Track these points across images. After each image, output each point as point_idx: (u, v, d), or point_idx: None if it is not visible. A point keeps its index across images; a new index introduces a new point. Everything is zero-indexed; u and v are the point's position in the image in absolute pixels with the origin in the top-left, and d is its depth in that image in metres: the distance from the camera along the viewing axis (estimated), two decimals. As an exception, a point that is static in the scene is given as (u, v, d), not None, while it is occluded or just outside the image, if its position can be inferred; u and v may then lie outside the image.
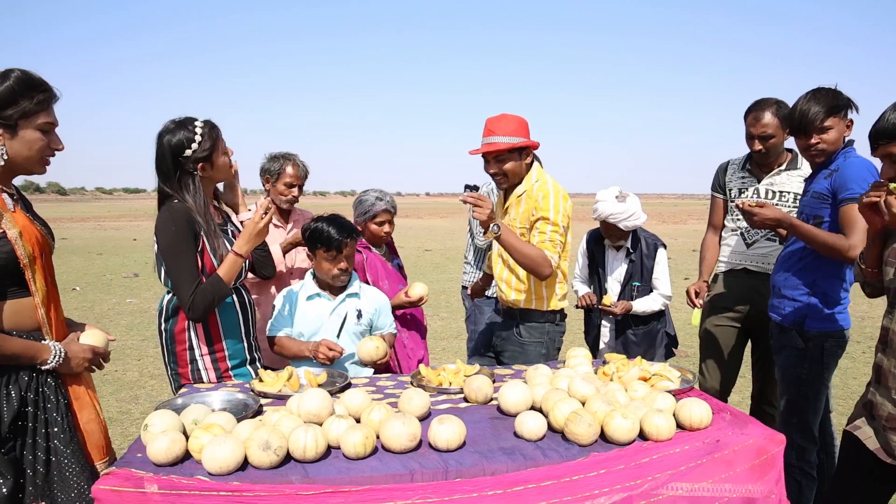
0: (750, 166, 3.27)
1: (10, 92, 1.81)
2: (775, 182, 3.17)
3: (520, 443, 1.84)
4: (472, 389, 2.19)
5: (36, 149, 1.90)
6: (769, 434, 1.96)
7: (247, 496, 1.55)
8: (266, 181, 3.43)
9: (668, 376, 2.33)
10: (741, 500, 1.85)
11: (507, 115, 2.86)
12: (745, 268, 3.23)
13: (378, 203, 3.26)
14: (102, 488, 1.56)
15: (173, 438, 1.67)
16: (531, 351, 2.93)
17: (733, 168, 3.36)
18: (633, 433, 1.83)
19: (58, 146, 1.97)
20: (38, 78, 1.89)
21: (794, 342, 2.62)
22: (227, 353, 2.50)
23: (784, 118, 2.99)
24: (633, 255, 3.41)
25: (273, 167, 3.37)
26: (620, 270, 3.48)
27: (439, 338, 7.33)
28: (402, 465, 1.68)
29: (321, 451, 1.70)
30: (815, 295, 2.59)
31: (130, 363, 6.17)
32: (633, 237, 3.44)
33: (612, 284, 3.50)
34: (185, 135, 2.36)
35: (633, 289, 3.42)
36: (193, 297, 2.31)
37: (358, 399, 2.01)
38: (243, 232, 2.41)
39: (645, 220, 3.35)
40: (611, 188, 3.37)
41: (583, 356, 2.52)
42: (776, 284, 2.74)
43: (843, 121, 2.56)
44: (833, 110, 2.53)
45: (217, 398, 2.15)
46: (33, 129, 1.87)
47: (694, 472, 1.81)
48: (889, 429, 2.03)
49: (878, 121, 1.94)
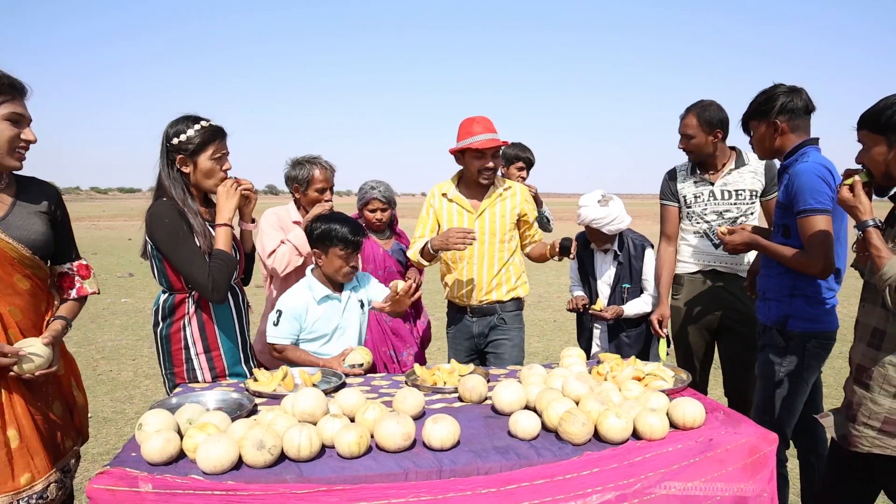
0: (699, 170, 3.28)
1: None
2: (728, 182, 3.19)
3: (514, 442, 1.84)
4: (466, 389, 2.20)
5: (4, 139, 1.90)
6: (762, 433, 1.97)
7: (241, 495, 1.56)
8: (295, 190, 3.27)
9: (662, 376, 2.35)
10: (733, 498, 1.86)
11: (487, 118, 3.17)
12: (714, 269, 3.24)
13: (371, 191, 3.48)
14: (97, 487, 1.56)
15: (168, 438, 1.67)
16: (515, 336, 3.28)
17: (682, 174, 3.35)
18: (627, 432, 1.84)
19: (30, 138, 1.96)
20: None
21: (774, 340, 2.63)
22: (223, 353, 2.50)
23: (707, 121, 3.10)
24: (620, 258, 3.41)
25: (300, 175, 3.21)
26: (609, 273, 3.47)
27: (434, 338, 7.29)
28: (396, 464, 1.69)
29: (315, 450, 1.70)
30: (797, 296, 2.60)
31: (125, 363, 6.15)
32: (619, 239, 3.43)
33: (601, 287, 3.49)
34: (181, 126, 2.42)
35: (622, 291, 3.41)
36: (213, 277, 2.34)
37: (352, 398, 2.01)
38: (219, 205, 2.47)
39: (629, 223, 3.35)
40: (594, 192, 3.35)
41: (577, 356, 2.53)
42: (761, 288, 2.75)
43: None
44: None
45: (212, 398, 2.16)
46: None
47: (687, 470, 1.82)
48: (850, 417, 2.07)
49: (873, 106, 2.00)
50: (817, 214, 2.42)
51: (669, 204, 3.40)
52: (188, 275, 2.35)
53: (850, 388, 2.12)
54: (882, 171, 2.01)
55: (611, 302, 3.43)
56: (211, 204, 2.64)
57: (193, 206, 2.44)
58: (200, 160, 2.44)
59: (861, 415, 2.04)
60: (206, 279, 2.33)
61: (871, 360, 2.03)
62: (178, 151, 2.42)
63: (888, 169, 1.99)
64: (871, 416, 2.01)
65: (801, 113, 2.59)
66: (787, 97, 2.57)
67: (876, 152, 2.00)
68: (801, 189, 2.44)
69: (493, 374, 2.61)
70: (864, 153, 2.05)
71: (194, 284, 2.37)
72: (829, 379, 5.18)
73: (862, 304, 2.13)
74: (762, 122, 2.63)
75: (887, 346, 1.97)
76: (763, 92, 2.65)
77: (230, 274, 2.41)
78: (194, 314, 2.46)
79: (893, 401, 1.96)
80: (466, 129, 3.13)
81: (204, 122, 2.44)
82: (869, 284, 2.08)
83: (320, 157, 3.28)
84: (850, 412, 2.08)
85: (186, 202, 2.42)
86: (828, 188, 2.44)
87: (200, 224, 2.42)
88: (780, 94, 2.58)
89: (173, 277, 2.42)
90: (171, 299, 2.46)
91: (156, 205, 2.40)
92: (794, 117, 2.58)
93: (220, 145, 2.48)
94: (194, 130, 2.41)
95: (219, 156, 2.48)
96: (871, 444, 2.02)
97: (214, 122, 2.48)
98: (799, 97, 2.58)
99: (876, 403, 2.00)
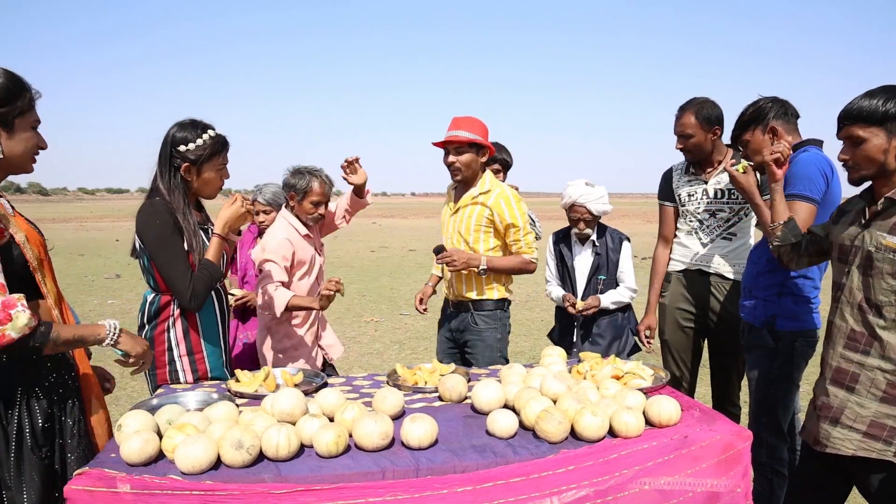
0: (694, 169, 3.29)
1: (6, 90, 1.81)
2: (721, 180, 3.20)
3: (491, 440, 1.86)
4: (446, 388, 2.22)
5: (30, 146, 1.91)
6: (736, 430, 2.00)
7: (219, 495, 1.57)
8: (291, 197, 3.18)
9: (641, 375, 2.37)
10: (706, 494, 1.89)
11: (472, 117, 3.19)
12: (700, 269, 3.25)
13: (257, 194, 3.68)
14: (74, 488, 1.56)
15: (146, 438, 1.68)
16: (488, 336, 3.25)
17: (678, 174, 3.37)
18: (603, 430, 1.86)
19: (43, 144, 1.98)
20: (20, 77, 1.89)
21: (764, 341, 2.66)
22: (206, 355, 2.51)
23: (705, 118, 3.08)
24: (598, 248, 3.46)
25: (299, 184, 3.13)
26: (586, 264, 3.51)
27: (421, 337, 7.35)
28: (373, 463, 1.70)
29: (294, 449, 1.71)
30: (785, 294, 2.64)
31: (111, 365, 6.12)
32: (598, 231, 3.48)
33: (579, 279, 3.52)
34: (190, 133, 2.42)
35: (598, 282, 3.46)
36: (193, 286, 2.34)
37: (332, 398, 2.03)
38: (220, 214, 2.49)
39: (612, 210, 3.44)
40: (578, 179, 3.45)
41: (557, 354, 2.55)
42: (747, 285, 2.78)
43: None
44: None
45: (193, 398, 2.17)
46: (27, 127, 1.88)
47: (661, 467, 1.85)
48: (822, 417, 2.10)
49: (847, 105, 2.01)
50: (803, 201, 2.47)
51: (666, 204, 3.41)
52: (169, 278, 2.36)
53: (825, 389, 2.11)
54: (879, 164, 1.97)
55: (586, 293, 3.48)
56: (201, 208, 2.67)
57: (189, 213, 2.44)
58: (205, 170, 2.46)
59: (846, 418, 2.03)
60: (186, 286, 2.34)
61: (850, 362, 2.03)
62: (184, 160, 2.42)
63: (886, 160, 1.95)
64: (857, 419, 2.00)
65: (791, 118, 2.66)
66: (777, 104, 2.65)
67: (873, 145, 1.96)
68: (796, 174, 2.49)
69: (474, 373, 2.64)
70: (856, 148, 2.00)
71: (173, 289, 2.38)
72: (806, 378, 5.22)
73: (835, 305, 2.13)
74: (757, 129, 2.66)
75: (875, 351, 1.97)
76: (752, 104, 2.71)
77: (212, 286, 2.43)
78: (179, 317, 2.46)
79: (880, 404, 1.96)
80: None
81: (212, 132, 2.45)
82: (840, 286, 2.09)
83: (322, 171, 3.21)
84: (830, 415, 2.07)
85: (183, 209, 2.42)
86: (823, 181, 2.48)
87: (194, 229, 2.43)
88: (769, 102, 2.66)
89: (160, 277, 2.43)
90: (157, 300, 2.46)
91: (149, 203, 2.40)
92: (787, 122, 2.65)
93: (224, 156, 2.51)
94: (203, 141, 2.41)
95: (222, 166, 2.51)
96: (857, 447, 2.01)
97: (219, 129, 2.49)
98: (786, 104, 2.67)
99: (862, 407, 1.99)
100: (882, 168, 1.98)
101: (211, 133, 2.44)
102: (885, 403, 1.96)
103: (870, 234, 2.00)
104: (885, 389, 1.96)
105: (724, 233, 3.17)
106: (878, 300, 1.96)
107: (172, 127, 2.45)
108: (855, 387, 2.02)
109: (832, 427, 2.06)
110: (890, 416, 1.95)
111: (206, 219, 2.64)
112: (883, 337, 1.96)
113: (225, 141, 2.50)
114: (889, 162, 1.96)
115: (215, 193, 2.56)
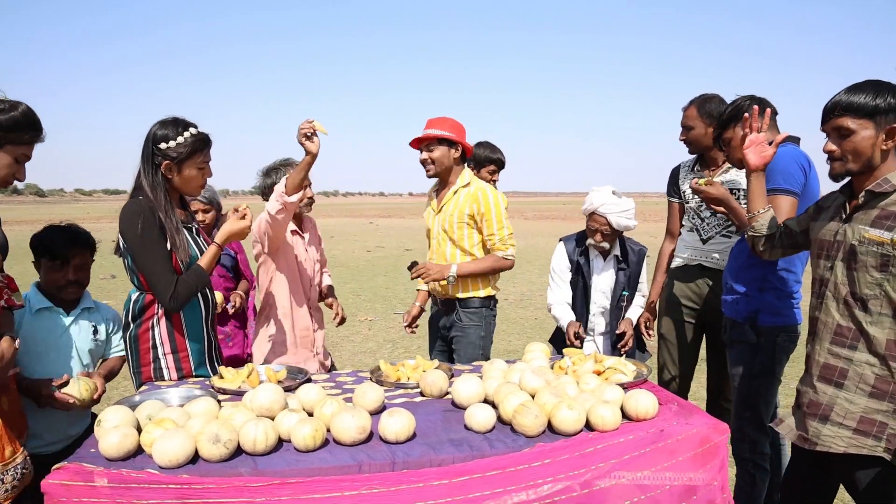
0: (700, 167, 3.33)
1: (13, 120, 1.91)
2: (725, 180, 3.21)
3: (469, 434, 1.88)
4: (426, 384, 2.24)
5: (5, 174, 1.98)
6: (713, 423, 2.01)
7: (196, 489, 1.58)
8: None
9: (623, 370, 2.38)
10: (682, 487, 1.91)
11: (445, 117, 3.30)
12: (700, 264, 3.26)
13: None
14: (52, 482, 1.58)
15: (125, 433, 1.70)
16: (472, 333, 3.28)
17: (685, 171, 3.40)
18: (579, 424, 1.88)
19: (21, 177, 2.04)
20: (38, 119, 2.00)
21: (746, 336, 2.67)
22: (190, 353, 2.53)
23: (707, 112, 3.13)
24: (623, 264, 3.34)
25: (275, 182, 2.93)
26: (608, 281, 3.36)
27: (413, 336, 7.35)
28: (350, 456, 1.72)
29: (271, 444, 1.73)
30: (767, 290, 2.65)
31: (104, 364, 6.13)
32: (621, 246, 3.36)
33: (596, 296, 3.37)
34: (171, 131, 2.43)
35: (622, 299, 3.36)
36: (175, 288, 2.36)
37: (312, 394, 2.04)
38: (224, 227, 2.53)
39: (635, 227, 3.29)
40: (605, 186, 3.28)
41: (540, 350, 2.56)
42: (728, 280, 2.79)
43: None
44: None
45: (175, 395, 2.18)
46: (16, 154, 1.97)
47: (638, 460, 1.86)
48: (809, 415, 2.10)
49: (835, 96, 2.02)
50: (783, 195, 2.50)
51: (673, 200, 3.47)
52: (150, 278, 2.38)
53: (813, 386, 2.10)
54: (867, 157, 1.97)
55: (612, 314, 3.36)
56: (186, 205, 2.68)
57: (172, 211, 2.45)
58: (186, 168, 2.46)
59: (835, 414, 2.02)
60: (167, 287, 2.35)
61: (838, 358, 2.03)
62: (164, 157, 2.42)
63: (872, 155, 1.96)
64: (847, 415, 1.99)
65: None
66: (754, 101, 2.66)
67: (861, 137, 1.95)
68: (774, 169, 2.51)
69: (457, 369, 2.65)
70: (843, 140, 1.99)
71: (153, 289, 2.40)
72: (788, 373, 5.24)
73: (818, 301, 2.13)
74: (737, 127, 2.68)
75: (863, 346, 1.98)
76: (731, 103, 2.74)
77: (196, 292, 2.46)
78: (163, 315, 2.47)
79: (870, 400, 1.96)
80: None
81: (193, 130, 2.45)
82: (824, 281, 2.10)
83: (292, 159, 3.08)
84: (820, 412, 2.06)
85: (165, 207, 2.43)
86: (801, 174, 2.51)
87: (176, 227, 2.43)
88: (747, 100, 2.67)
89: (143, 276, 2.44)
90: (141, 299, 2.48)
91: (131, 203, 2.42)
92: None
93: (206, 154, 2.51)
94: (184, 138, 2.42)
95: (203, 164, 2.51)
96: (848, 443, 2.00)
97: (201, 128, 2.50)
98: (764, 101, 2.68)
99: (852, 403, 1.99)
100: (868, 163, 1.98)
101: (192, 131, 2.45)
102: (874, 398, 1.96)
103: (852, 228, 2.01)
104: (873, 384, 1.96)
105: (723, 230, 3.20)
106: (864, 293, 1.96)
107: (154, 125, 2.46)
108: (844, 383, 2.02)
109: (822, 424, 2.05)
110: (879, 411, 1.95)
111: (190, 217, 2.65)
112: (870, 331, 1.96)
113: (206, 139, 2.50)
114: (875, 156, 1.97)
115: (198, 191, 2.58)
